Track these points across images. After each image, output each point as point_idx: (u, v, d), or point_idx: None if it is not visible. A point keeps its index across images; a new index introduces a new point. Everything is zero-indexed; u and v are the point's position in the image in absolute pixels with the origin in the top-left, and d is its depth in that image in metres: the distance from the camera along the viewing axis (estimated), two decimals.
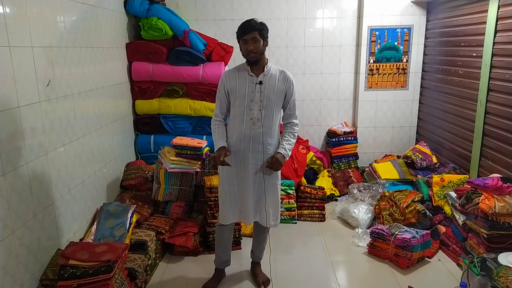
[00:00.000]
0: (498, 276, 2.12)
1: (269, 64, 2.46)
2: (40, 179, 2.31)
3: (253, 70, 2.44)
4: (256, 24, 2.35)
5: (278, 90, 2.45)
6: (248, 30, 2.33)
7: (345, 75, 4.63)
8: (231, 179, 2.54)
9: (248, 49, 2.34)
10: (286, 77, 2.48)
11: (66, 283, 2.12)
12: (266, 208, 2.55)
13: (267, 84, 2.43)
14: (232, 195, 2.56)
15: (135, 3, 3.80)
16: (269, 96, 2.43)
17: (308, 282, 2.79)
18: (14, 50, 2.07)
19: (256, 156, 2.49)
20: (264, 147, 2.48)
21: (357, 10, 4.44)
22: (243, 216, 2.61)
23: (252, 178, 2.52)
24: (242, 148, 2.49)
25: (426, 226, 3.28)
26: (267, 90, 2.43)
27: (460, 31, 3.67)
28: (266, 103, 2.43)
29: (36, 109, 2.27)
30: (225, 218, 2.60)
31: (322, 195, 3.79)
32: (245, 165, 2.51)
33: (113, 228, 2.76)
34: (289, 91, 2.49)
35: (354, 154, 4.62)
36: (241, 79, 2.45)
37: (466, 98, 3.57)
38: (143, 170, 3.67)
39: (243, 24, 2.36)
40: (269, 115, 2.45)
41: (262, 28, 2.36)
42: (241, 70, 2.47)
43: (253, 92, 2.42)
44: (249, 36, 2.33)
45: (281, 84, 2.46)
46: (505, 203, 2.54)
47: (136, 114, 4.11)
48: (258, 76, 2.43)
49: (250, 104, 2.43)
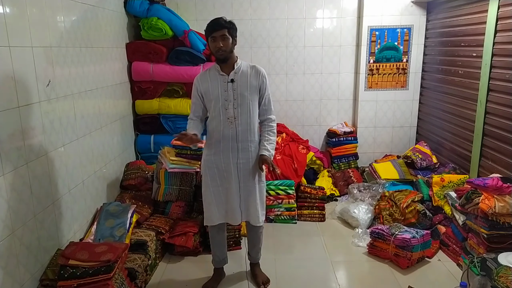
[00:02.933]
0: (498, 276, 2.12)
1: (239, 61, 2.46)
2: (40, 179, 2.31)
3: (223, 69, 2.43)
4: (225, 22, 2.35)
5: (251, 86, 2.44)
6: (217, 27, 2.33)
7: (345, 75, 4.63)
8: (215, 180, 2.53)
9: (217, 46, 2.34)
10: (258, 72, 2.47)
11: (66, 283, 2.12)
12: (254, 206, 2.54)
13: (239, 81, 2.42)
14: (217, 196, 2.55)
15: (135, 3, 3.81)
16: (243, 93, 2.42)
17: (308, 282, 2.79)
18: (14, 50, 2.07)
19: (237, 155, 2.48)
20: (244, 144, 2.48)
21: (357, 10, 4.44)
22: (229, 217, 2.58)
23: (235, 177, 2.51)
24: (222, 148, 2.48)
25: (426, 226, 3.28)
26: (240, 88, 2.42)
27: (460, 31, 3.67)
28: (241, 100, 2.42)
29: (36, 109, 2.27)
30: (211, 219, 2.58)
31: (322, 195, 3.79)
32: (227, 165, 2.50)
33: (113, 228, 2.76)
34: (263, 85, 2.47)
35: (354, 154, 4.62)
36: (213, 80, 2.44)
37: (466, 98, 3.56)
38: (143, 170, 3.67)
39: (212, 22, 2.35)
40: (245, 112, 2.44)
41: (231, 27, 2.36)
42: (211, 72, 2.46)
43: (226, 91, 2.41)
44: (218, 33, 2.32)
45: (254, 79, 2.45)
46: (505, 203, 2.54)
47: (136, 114, 4.11)
48: (229, 74, 2.42)
49: (225, 103, 2.42)
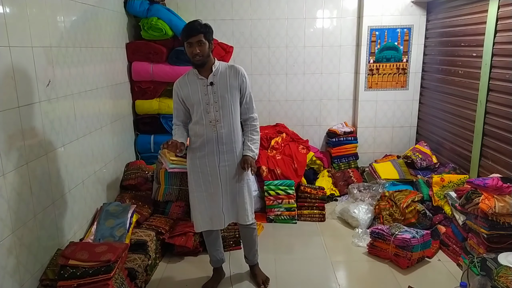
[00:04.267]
0: (498, 276, 2.12)
1: (216, 63, 2.42)
2: (40, 179, 2.31)
3: (201, 73, 2.39)
4: (201, 26, 2.29)
5: (231, 87, 2.41)
6: (192, 32, 2.28)
7: (345, 75, 4.63)
8: (199, 185, 2.51)
9: (193, 52, 2.30)
10: (237, 71, 2.43)
11: (66, 283, 2.12)
12: (242, 205, 2.53)
13: (219, 83, 2.39)
14: (201, 201, 2.52)
15: (135, 3, 3.81)
16: (223, 95, 2.40)
17: (308, 282, 2.79)
18: (14, 50, 2.07)
19: (223, 157, 2.47)
20: (228, 147, 2.46)
21: (357, 10, 4.44)
22: (215, 223, 2.56)
23: (222, 180, 2.49)
24: (207, 152, 2.46)
25: (426, 226, 3.28)
26: (220, 90, 2.39)
27: (460, 31, 3.67)
28: (222, 103, 2.40)
29: (36, 109, 2.27)
30: (196, 226, 2.58)
31: (322, 195, 3.79)
32: (212, 168, 2.48)
33: (113, 228, 2.76)
34: (243, 84, 2.45)
35: (354, 154, 4.62)
36: (192, 85, 2.41)
37: (466, 98, 3.56)
38: (143, 170, 3.67)
39: (187, 26, 2.31)
40: (227, 114, 2.42)
41: (207, 31, 2.31)
42: (190, 76, 2.44)
43: (206, 94, 2.39)
44: (194, 39, 2.28)
45: (233, 80, 2.42)
46: (505, 203, 2.54)
47: (136, 114, 4.11)
48: (207, 77, 2.39)
49: (206, 107, 2.39)
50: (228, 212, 2.55)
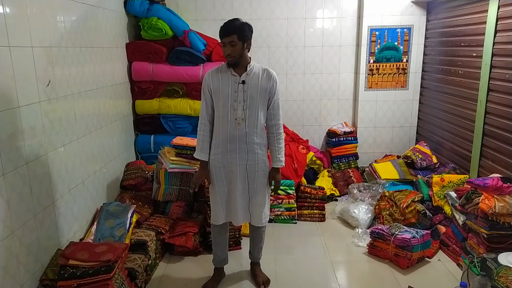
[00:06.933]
0: (498, 276, 2.12)
1: (252, 63, 2.43)
2: (40, 179, 2.31)
3: (235, 70, 2.40)
4: (235, 27, 2.28)
5: (262, 89, 2.42)
6: (225, 33, 2.28)
7: (345, 75, 4.63)
8: (221, 179, 2.53)
9: (226, 52, 2.31)
10: (270, 75, 2.44)
11: (66, 283, 2.12)
12: (258, 207, 2.55)
13: (250, 83, 2.40)
14: (222, 195, 2.55)
15: (135, 3, 3.81)
16: (253, 95, 2.40)
17: (308, 282, 2.79)
18: (14, 50, 2.07)
19: (244, 156, 2.47)
20: (250, 146, 2.46)
21: (357, 10, 4.44)
22: (233, 217, 2.59)
23: (240, 178, 2.50)
24: (229, 149, 2.46)
25: (426, 226, 3.28)
26: (250, 89, 2.39)
27: (460, 31, 3.67)
28: (250, 102, 2.40)
29: (36, 109, 2.27)
30: (216, 218, 2.59)
31: (322, 195, 3.79)
32: (233, 165, 2.49)
33: (113, 228, 2.76)
34: (273, 89, 2.45)
35: (354, 154, 4.62)
36: (223, 79, 2.41)
37: (466, 98, 3.56)
38: (143, 170, 3.67)
39: (222, 26, 2.31)
40: (253, 115, 2.42)
41: (241, 32, 2.29)
42: (223, 70, 2.43)
43: (236, 92, 2.39)
44: (226, 40, 2.28)
45: (265, 82, 2.42)
46: (505, 203, 2.54)
47: (136, 114, 4.11)
48: (240, 75, 2.40)
49: (234, 104, 2.40)
50: (243, 211, 2.57)
